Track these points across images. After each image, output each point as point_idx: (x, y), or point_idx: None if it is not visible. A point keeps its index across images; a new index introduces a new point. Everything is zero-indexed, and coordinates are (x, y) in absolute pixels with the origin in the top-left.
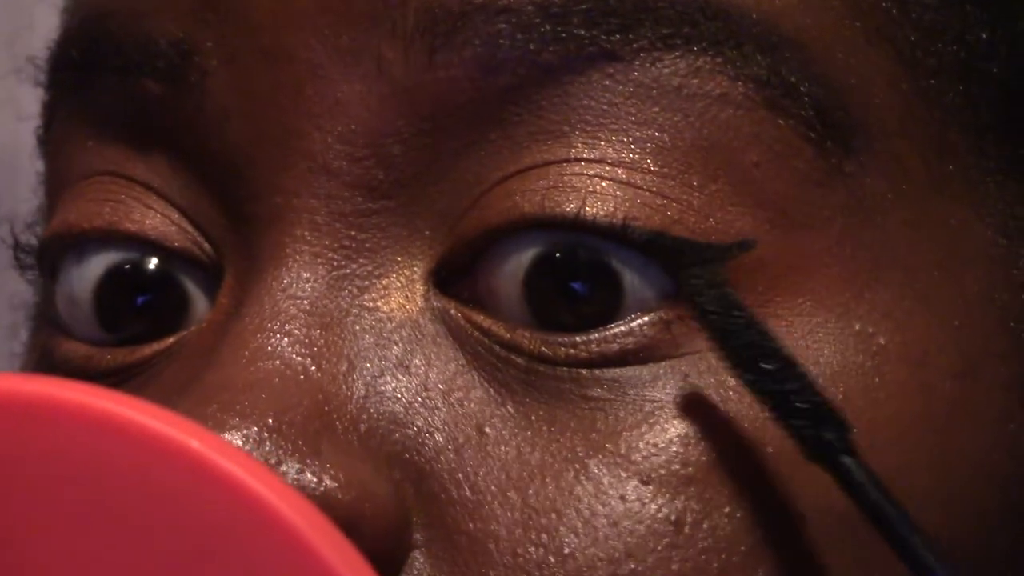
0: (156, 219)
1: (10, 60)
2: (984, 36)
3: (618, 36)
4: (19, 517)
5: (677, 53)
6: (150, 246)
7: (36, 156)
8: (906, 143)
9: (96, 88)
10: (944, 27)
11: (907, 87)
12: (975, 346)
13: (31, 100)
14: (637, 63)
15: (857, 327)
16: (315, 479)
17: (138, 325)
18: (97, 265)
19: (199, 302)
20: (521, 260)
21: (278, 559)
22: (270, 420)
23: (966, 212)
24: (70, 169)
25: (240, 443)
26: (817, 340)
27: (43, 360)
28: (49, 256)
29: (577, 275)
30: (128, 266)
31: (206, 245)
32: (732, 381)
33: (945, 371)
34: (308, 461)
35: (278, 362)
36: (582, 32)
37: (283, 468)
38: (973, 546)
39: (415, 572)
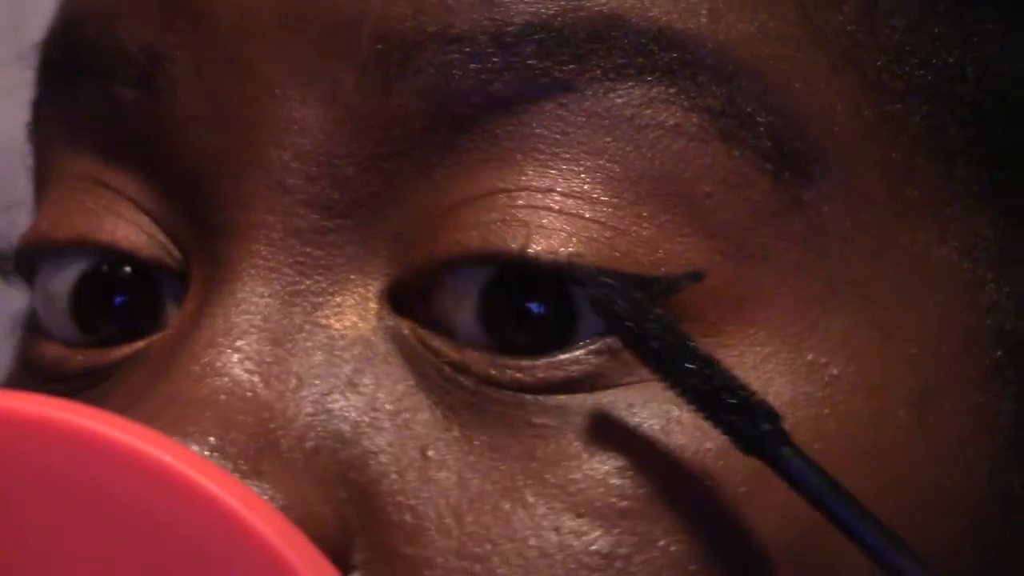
0: (128, 229)
1: (15, 48)
2: (952, 59)
3: (571, 66)
4: None
5: (630, 83)
6: (122, 256)
7: None
8: (868, 169)
9: (75, 90)
10: (912, 50)
11: (871, 112)
12: (934, 373)
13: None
14: (590, 93)
15: (809, 357)
16: None
17: (114, 326)
18: (73, 272)
19: (172, 306)
20: (473, 287)
21: (247, 567)
22: (212, 439)
23: (930, 236)
24: (49, 171)
25: None
26: (768, 370)
27: (20, 362)
28: (26, 263)
29: (532, 295)
30: (105, 267)
31: (176, 252)
32: (676, 411)
33: (901, 399)
34: (248, 481)
35: (226, 379)
36: (535, 62)
37: None
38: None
39: None
